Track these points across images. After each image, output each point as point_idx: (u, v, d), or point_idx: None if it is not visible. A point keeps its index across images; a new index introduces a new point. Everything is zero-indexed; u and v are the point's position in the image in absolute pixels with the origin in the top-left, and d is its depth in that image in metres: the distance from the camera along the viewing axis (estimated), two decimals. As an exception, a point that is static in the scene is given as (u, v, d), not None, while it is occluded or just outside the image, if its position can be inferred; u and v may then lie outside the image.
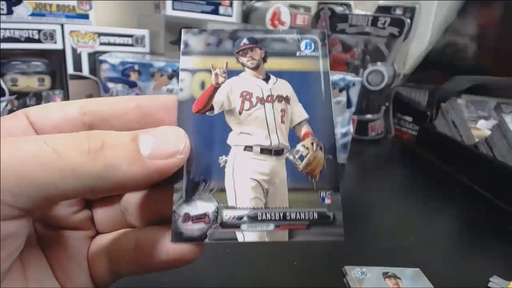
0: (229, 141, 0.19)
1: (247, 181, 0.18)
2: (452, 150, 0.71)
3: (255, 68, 0.20)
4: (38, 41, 0.64)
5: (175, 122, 0.18)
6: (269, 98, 0.19)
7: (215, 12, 0.82)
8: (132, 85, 0.65)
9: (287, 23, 0.93)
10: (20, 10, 0.63)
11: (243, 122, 0.19)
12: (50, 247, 0.19)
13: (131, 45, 0.74)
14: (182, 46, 0.20)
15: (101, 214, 0.21)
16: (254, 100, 0.19)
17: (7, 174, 0.13)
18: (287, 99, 0.19)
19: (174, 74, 0.67)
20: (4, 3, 0.61)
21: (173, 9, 0.76)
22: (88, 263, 0.20)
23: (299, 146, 0.19)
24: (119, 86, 0.65)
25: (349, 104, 0.65)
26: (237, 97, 0.19)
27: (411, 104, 0.92)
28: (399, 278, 0.37)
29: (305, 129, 0.19)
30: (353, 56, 0.87)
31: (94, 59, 0.68)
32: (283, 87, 0.19)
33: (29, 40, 0.63)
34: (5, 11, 0.61)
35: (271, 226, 0.17)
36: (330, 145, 0.19)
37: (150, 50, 0.76)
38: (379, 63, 0.85)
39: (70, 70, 0.68)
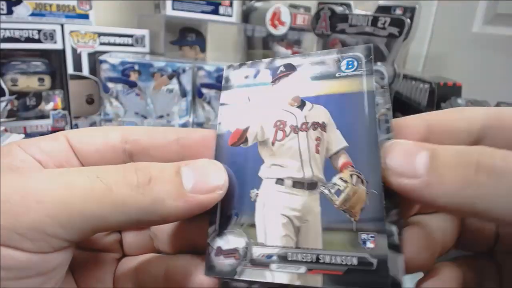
0: (261, 173, 0.18)
1: (277, 217, 0.17)
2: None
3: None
4: (38, 41, 0.64)
5: (213, 155, 0.18)
6: (304, 126, 0.17)
7: (215, 12, 0.82)
8: (132, 85, 0.65)
9: (287, 23, 0.93)
10: (20, 10, 0.63)
11: (276, 153, 0.18)
12: (79, 268, 0.19)
13: (131, 45, 0.74)
14: (223, 81, 0.20)
15: (131, 237, 0.21)
16: (287, 129, 0.18)
17: (59, 207, 0.13)
18: (323, 126, 0.17)
19: (174, 74, 0.67)
20: (4, 3, 0.61)
21: (173, 9, 0.76)
22: (113, 285, 0.20)
23: (336, 179, 0.16)
24: (119, 86, 0.65)
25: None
26: (271, 127, 0.18)
27: (411, 104, 0.92)
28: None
29: (343, 159, 0.16)
30: (353, 56, 0.87)
31: (94, 59, 0.68)
32: (319, 113, 0.18)
33: (29, 40, 0.63)
34: (5, 11, 0.61)
35: (302, 269, 0.16)
36: (375, 178, 0.15)
37: (150, 50, 0.76)
38: (379, 63, 0.85)
39: (70, 70, 0.68)
